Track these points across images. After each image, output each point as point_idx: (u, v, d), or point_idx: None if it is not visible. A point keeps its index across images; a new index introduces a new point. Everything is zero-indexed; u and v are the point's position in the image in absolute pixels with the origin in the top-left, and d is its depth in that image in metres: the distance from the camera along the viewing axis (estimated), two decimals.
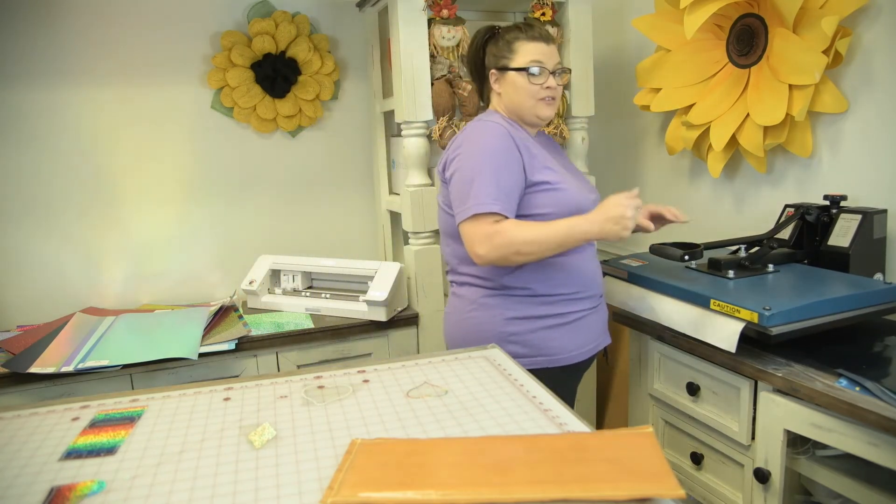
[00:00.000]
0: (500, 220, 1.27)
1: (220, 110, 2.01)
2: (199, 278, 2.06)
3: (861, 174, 1.53)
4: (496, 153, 1.30)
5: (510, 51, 1.38)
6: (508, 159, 1.30)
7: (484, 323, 1.37)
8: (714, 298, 1.29)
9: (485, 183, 1.26)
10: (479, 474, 0.72)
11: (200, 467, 0.79)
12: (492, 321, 1.36)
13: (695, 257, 1.38)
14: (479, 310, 1.38)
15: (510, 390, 0.99)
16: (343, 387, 1.03)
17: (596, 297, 1.43)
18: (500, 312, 1.36)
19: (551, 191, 1.33)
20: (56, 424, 0.93)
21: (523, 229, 1.25)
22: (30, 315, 1.86)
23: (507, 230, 1.25)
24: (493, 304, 1.37)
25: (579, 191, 1.39)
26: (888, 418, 0.96)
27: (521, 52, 1.37)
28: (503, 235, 1.24)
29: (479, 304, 1.38)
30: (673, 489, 0.68)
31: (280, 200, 2.13)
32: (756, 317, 1.19)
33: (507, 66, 1.38)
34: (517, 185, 1.30)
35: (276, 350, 1.68)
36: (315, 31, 2.06)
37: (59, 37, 1.81)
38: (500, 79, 1.40)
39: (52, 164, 1.85)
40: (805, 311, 1.21)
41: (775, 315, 1.18)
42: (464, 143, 1.34)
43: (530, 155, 1.33)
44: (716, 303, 1.29)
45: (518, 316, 1.36)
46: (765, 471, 1.22)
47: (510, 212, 1.28)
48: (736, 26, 1.67)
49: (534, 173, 1.32)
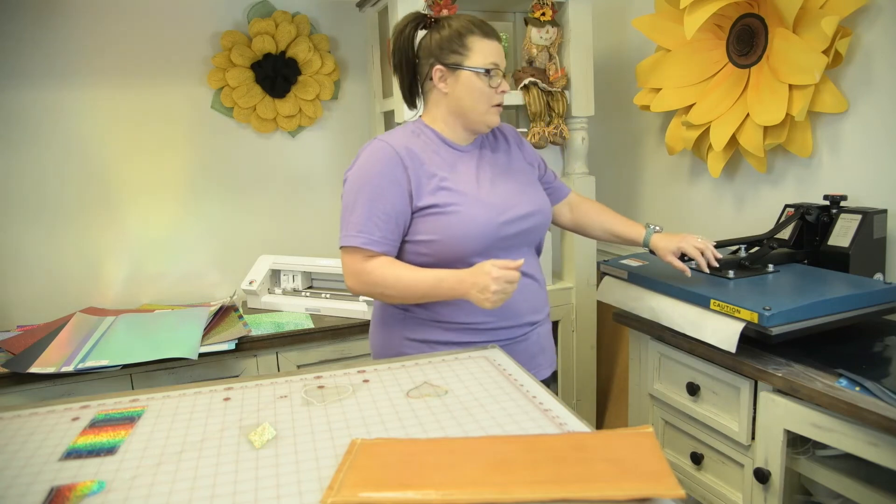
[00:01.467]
0: (372, 255, 1.19)
1: (220, 110, 2.01)
2: (199, 278, 2.06)
3: (861, 174, 1.53)
4: (375, 180, 1.19)
5: (463, 47, 1.21)
6: (388, 187, 1.18)
7: (386, 340, 1.31)
8: (714, 298, 1.29)
9: (357, 213, 1.19)
10: (479, 474, 0.72)
11: (200, 467, 0.79)
12: (391, 340, 1.30)
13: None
14: (381, 326, 1.33)
15: (510, 390, 0.99)
16: (343, 387, 1.03)
17: (520, 326, 1.29)
18: (400, 332, 1.28)
19: (438, 215, 1.20)
20: (56, 424, 0.93)
21: (389, 272, 1.18)
22: (30, 315, 1.86)
23: (373, 270, 1.18)
24: (394, 322, 1.30)
25: (480, 212, 1.21)
26: (888, 418, 0.96)
27: (478, 50, 1.21)
28: (369, 275, 1.19)
29: (383, 321, 1.33)
30: (673, 489, 0.68)
31: (280, 200, 2.13)
32: (756, 317, 1.19)
33: (461, 63, 1.21)
34: (397, 213, 1.19)
35: (276, 350, 1.68)
36: (315, 31, 2.06)
37: (59, 37, 1.81)
38: (449, 77, 1.23)
39: (52, 164, 1.86)
40: (805, 311, 1.21)
41: (775, 315, 1.18)
42: (353, 166, 1.24)
43: (428, 176, 1.21)
44: (716, 303, 1.29)
45: (416, 339, 1.27)
46: (765, 471, 1.22)
47: (381, 245, 1.19)
48: (736, 26, 1.68)
49: (421, 197, 1.20)
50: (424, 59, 1.25)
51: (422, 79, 1.28)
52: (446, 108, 1.26)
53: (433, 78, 1.24)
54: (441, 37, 1.22)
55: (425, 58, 1.25)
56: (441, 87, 1.24)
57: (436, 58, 1.23)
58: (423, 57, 1.25)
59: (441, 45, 1.22)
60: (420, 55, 1.26)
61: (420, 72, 1.28)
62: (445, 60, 1.22)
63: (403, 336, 1.28)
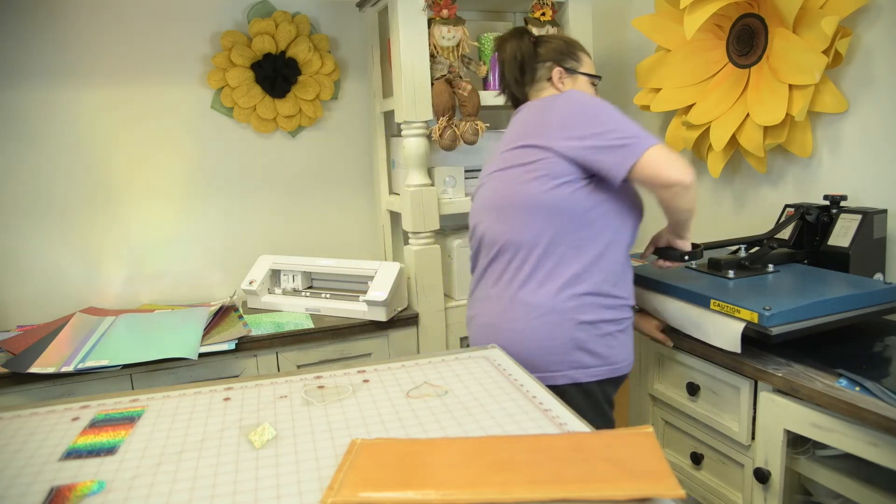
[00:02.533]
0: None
1: (220, 110, 2.01)
2: (199, 278, 2.06)
3: (861, 174, 1.53)
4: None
5: (575, 58, 1.40)
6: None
7: (554, 328, 1.26)
8: (714, 298, 1.29)
9: (630, 121, 1.24)
10: (479, 474, 0.72)
11: (200, 467, 0.79)
12: (562, 326, 1.26)
13: (695, 257, 1.38)
14: (549, 314, 1.26)
15: (510, 390, 0.99)
16: (343, 387, 1.03)
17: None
18: (571, 316, 1.26)
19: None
20: (56, 424, 0.93)
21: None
22: (30, 315, 1.86)
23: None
24: (565, 310, 1.26)
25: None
26: (888, 418, 0.96)
27: (585, 62, 1.42)
28: (683, 160, 1.19)
29: (551, 310, 1.26)
30: (673, 489, 0.68)
31: (280, 200, 2.13)
32: (756, 317, 1.20)
33: (577, 69, 1.40)
34: None
35: (276, 350, 1.68)
36: (315, 31, 2.06)
37: (59, 37, 1.81)
38: (566, 78, 1.39)
39: (52, 164, 1.85)
40: (805, 311, 1.22)
41: (775, 315, 1.18)
42: (580, 101, 1.27)
43: None
44: (716, 303, 1.29)
45: (587, 320, 1.26)
46: (765, 471, 1.22)
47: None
48: (736, 26, 1.68)
49: None
50: (540, 63, 1.40)
51: (532, 82, 1.41)
52: None
53: (552, 78, 1.39)
54: (557, 46, 1.41)
55: (541, 62, 1.39)
56: (559, 86, 1.39)
57: (554, 62, 1.39)
58: (538, 62, 1.40)
59: (559, 52, 1.40)
60: (534, 61, 1.40)
61: (531, 76, 1.41)
62: (564, 65, 1.39)
63: (576, 321, 1.25)
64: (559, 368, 1.26)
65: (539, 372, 1.22)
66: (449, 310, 1.86)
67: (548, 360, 1.26)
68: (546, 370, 1.25)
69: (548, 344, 1.26)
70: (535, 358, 1.25)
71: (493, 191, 1.36)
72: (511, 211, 1.30)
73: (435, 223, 1.82)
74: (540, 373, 1.22)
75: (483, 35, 1.92)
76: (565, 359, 1.26)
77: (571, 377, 1.26)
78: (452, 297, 1.92)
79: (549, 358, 1.26)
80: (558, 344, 1.25)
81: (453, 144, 1.80)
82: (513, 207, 1.29)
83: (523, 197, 1.27)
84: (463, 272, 1.90)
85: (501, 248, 1.32)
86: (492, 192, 1.36)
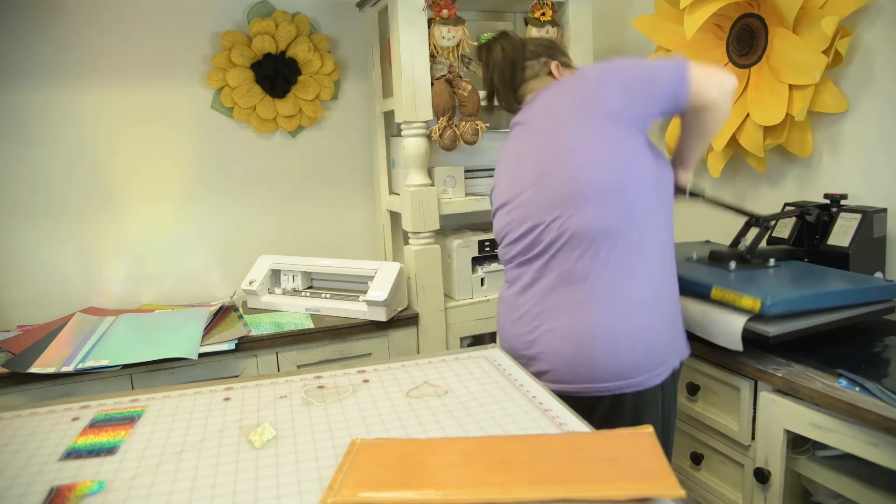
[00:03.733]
0: None
1: (220, 110, 2.01)
2: (199, 278, 2.06)
3: (861, 174, 1.53)
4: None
5: (565, 54, 1.40)
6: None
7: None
8: (716, 286, 1.28)
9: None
10: (479, 474, 0.72)
11: (200, 467, 0.79)
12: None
13: (699, 195, 1.40)
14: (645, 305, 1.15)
15: (510, 390, 0.99)
16: (343, 387, 1.03)
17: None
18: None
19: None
20: (56, 424, 0.93)
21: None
22: (30, 315, 1.86)
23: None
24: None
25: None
26: (888, 418, 0.96)
27: (573, 60, 1.43)
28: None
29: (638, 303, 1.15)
30: (673, 489, 0.68)
31: (280, 200, 2.13)
32: (758, 303, 1.18)
33: (570, 64, 1.39)
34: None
35: (276, 350, 1.68)
36: (315, 31, 2.06)
37: (59, 37, 1.81)
38: (566, 70, 1.37)
39: (51, 164, 1.85)
40: (806, 301, 1.21)
41: (777, 303, 1.17)
42: (605, 64, 1.22)
43: None
44: (717, 290, 1.27)
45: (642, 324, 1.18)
46: (765, 471, 1.22)
47: None
48: (736, 26, 1.68)
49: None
50: (533, 59, 1.35)
51: (526, 78, 1.35)
52: None
53: (552, 72, 1.35)
54: (544, 42, 1.40)
55: (534, 58, 1.35)
56: (560, 78, 1.35)
57: (548, 56, 1.36)
58: (530, 59, 1.35)
59: (549, 47, 1.38)
60: (525, 59, 1.35)
61: (525, 75, 1.35)
62: (560, 58, 1.37)
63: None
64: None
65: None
66: (449, 310, 1.87)
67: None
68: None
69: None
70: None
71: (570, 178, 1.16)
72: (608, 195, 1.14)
73: (435, 223, 1.82)
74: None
75: (483, 35, 1.91)
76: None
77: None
78: (452, 297, 1.92)
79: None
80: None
81: (453, 144, 1.80)
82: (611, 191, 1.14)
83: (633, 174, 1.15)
84: (463, 272, 1.90)
85: (601, 237, 1.13)
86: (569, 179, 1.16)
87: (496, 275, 1.93)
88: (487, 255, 1.93)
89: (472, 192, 1.93)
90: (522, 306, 1.23)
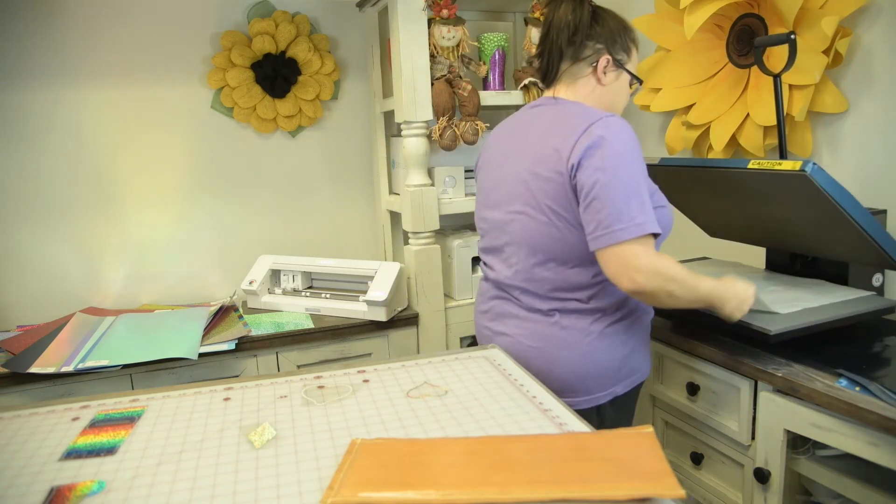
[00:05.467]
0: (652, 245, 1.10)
1: (220, 110, 2.01)
2: (199, 278, 2.06)
3: (861, 174, 1.53)
4: (641, 162, 1.10)
5: (626, 49, 1.23)
6: (644, 171, 1.12)
7: (604, 353, 1.20)
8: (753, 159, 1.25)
9: (643, 197, 1.07)
10: (479, 474, 0.72)
11: (200, 467, 0.79)
12: (611, 352, 1.21)
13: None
14: (598, 340, 1.20)
15: (510, 390, 0.99)
16: (343, 387, 1.03)
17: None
18: (620, 340, 1.22)
19: (657, 208, 1.14)
20: (56, 424, 0.93)
21: (678, 267, 1.10)
22: (30, 315, 1.86)
23: (669, 262, 1.08)
24: (609, 332, 1.21)
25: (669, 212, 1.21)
26: (888, 418, 0.96)
27: (633, 57, 1.25)
28: (668, 269, 1.07)
29: (597, 335, 1.20)
30: (673, 489, 0.68)
31: (280, 200, 2.13)
32: (798, 164, 1.13)
33: (624, 64, 1.23)
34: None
35: (276, 350, 1.68)
36: (315, 31, 2.06)
37: (59, 37, 1.81)
38: (612, 72, 1.22)
39: (52, 164, 1.85)
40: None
41: (817, 170, 1.12)
42: (607, 143, 1.07)
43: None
44: (756, 162, 1.23)
45: (629, 341, 1.23)
46: (765, 471, 1.22)
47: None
48: (736, 26, 1.68)
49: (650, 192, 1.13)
50: (591, 42, 1.20)
51: (574, 60, 1.21)
52: (597, 98, 1.23)
53: (597, 64, 1.20)
54: (616, 27, 1.20)
55: (593, 41, 1.20)
56: (602, 79, 1.21)
57: (607, 46, 1.20)
58: (590, 39, 1.20)
59: (615, 35, 1.20)
60: (587, 36, 1.20)
61: (576, 52, 1.21)
62: (616, 54, 1.21)
63: (623, 344, 1.22)
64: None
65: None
66: (449, 310, 1.87)
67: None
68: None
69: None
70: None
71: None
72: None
73: (435, 223, 1.82)
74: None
75: (483, 35, 1.92)
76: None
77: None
78: (452, 297, 1.92)
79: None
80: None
81: (453, 144, 1.80)
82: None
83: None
84: (463, 272, 1.90)
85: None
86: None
87: None
88: None
89: (471, 192, 1.93)
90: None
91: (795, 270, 1.51)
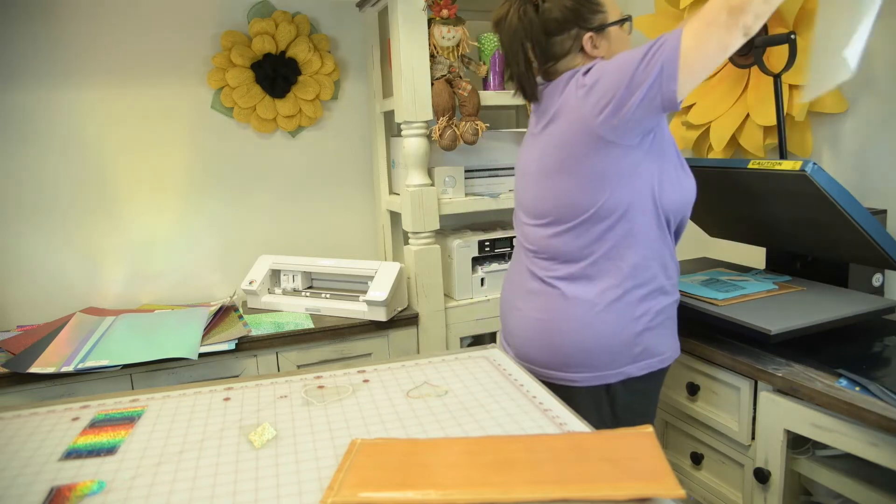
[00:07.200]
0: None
1: (220, 110, 2.01)
2: (199, 278, 2.06)
3: (861, 174, 1.53)
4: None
5: (596, 6, 1.14)
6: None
7: (610, 326, 1.16)
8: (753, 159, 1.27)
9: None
10: (479, 474, 0.72)
11: (200, 467, 0.79)
12: (618, 326, 1.16)
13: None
14: (605, 312, 1.15)
15: (510, 390, 0.99)
16: (343, 387, 1.03)
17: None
18: (631, 315, 1.16)
19: (688, 179, 1.18)
20: (56, 424, 0.93)
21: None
22: (30, 315, 1.86)
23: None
24: (618, 307, 1.16)
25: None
26: (888, 418, 0.96)
27: (609, 4, 1.16)
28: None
29: (603, 307, 1.15)
30: (673, 489, 0.68)
31: (280, 200, 2.13)
32: (798, 164, 1.15)
33: (606, 22, 1.15)
34: None
35: (276, 350, 1.68)
36: (315, 31, 2.06)
37: (59, 37, 1.81)
38: (600, 41, 1.15)
39: (52, 164, 1.85)
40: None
41: (817, 170, 1.14)
42: (596, 63, 1.10)
43: None
44: (756, 162, 1.25)
45: (642, 318, 1.17)
46: (765, 471, 1.22)
47: None
48: None
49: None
50: (557, 34, 1.14)
51: (559, 58, 1.16)
52: None
53: (585, 48, 1.15)
54: (568, 4, 1.12)
55: (560, 32, 1.14)
56: (594, 53, 1.15)
57: (579, 27, 1.13)
58: (556, 34, 1.14)
59: (578, 11, 1.12)
60: (548, 33, 1.14)
61: (551, 52, 1.16)
62: (591, 25, 1.14)
63: (633, 316, 1.17)
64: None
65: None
66: (449, 310, 1.87)
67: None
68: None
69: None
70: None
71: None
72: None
73: (435, 223, 1.82)
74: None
75: (483, 35, 1.92)
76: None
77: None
78: (452, 297, 1.92)
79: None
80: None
81: (453, 144, 1.80)
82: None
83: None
84: (463, 272, 1.90)
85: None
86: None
87: (496, 275, 1.93)
88: (487, 255, 1.93)
89: (471, 192, 1.93)
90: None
91: (795, 270, 1.51)
